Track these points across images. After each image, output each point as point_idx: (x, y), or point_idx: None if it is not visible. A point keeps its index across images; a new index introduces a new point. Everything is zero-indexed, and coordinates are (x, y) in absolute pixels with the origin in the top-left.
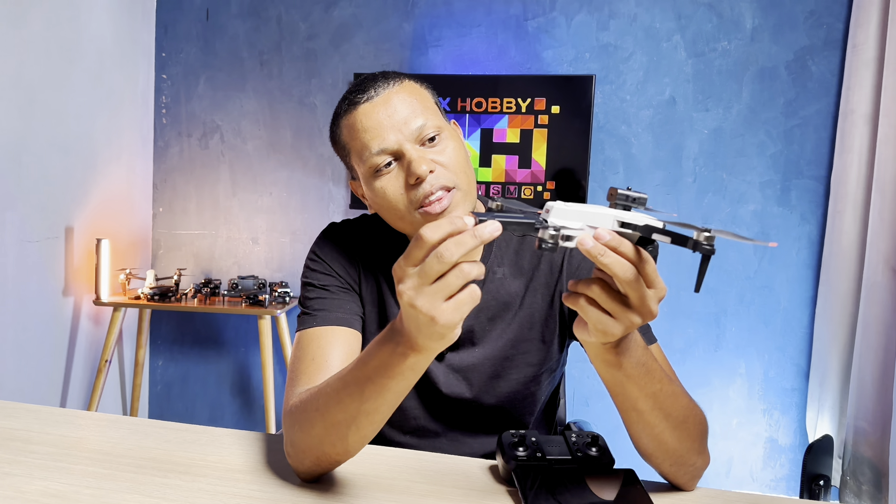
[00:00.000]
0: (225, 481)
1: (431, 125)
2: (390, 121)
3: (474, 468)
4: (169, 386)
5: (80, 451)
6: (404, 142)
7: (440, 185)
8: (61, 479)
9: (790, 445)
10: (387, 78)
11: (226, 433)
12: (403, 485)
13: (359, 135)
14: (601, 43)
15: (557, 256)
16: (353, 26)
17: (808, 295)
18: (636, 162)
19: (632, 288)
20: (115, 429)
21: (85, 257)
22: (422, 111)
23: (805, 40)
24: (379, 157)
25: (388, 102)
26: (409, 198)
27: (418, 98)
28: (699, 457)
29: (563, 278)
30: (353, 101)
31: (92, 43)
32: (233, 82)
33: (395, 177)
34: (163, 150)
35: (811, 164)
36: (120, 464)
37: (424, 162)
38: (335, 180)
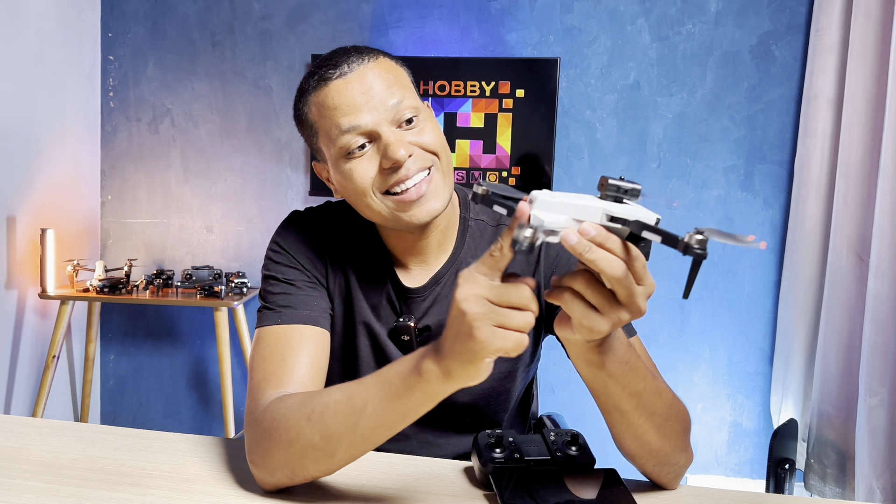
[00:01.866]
0: (180, 492)
1: (409, 105)
2: (365, 98)
3: (448, 471)
4: (122, 381)
5: (20, 462)
6: (381, 122)
7: (418, 168)
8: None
9: (754, 429)
10: (360, 53)
11: (180, 438)
12: (375, 489)
13: (329, 113)
14: (565, 26)
15: None
16: (309, 6)
17: (772, 280)
18: (601, 147)
19: (620, 284)
20: (58, 436)
21: (29, 248)
22: (399, 89)
23: (769, 24)
24: (352, 138)
25: (362, 79)
26: (382, 182)
27: (395, 75)
28: (683, 454)
29: (541, 268)
30: (324, 77)
31: (31, 22)
32: (183, 64)
33: (368, 159)
34: (110, 136)
35: (774, 148)
36: (64, 476)
37: (403, 145)
38: (293, 166)
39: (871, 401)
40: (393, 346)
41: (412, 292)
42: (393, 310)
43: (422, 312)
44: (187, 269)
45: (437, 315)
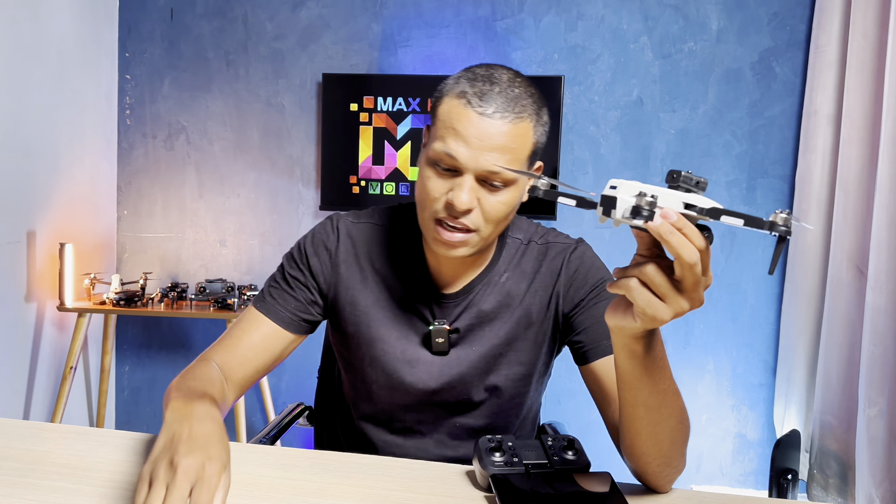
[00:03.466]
0: None
1: (501, 178)
2: (478, 144)
3: (451, 474)
4: (136, 391)
5: (47, 465)
6: (471, 169)
7: (464, 225)
8: (27, 495)
9: (759, 440)
10: (514, 103)
11: None
12: (379, 492)
13: (451, 125)
14: (569, 44)
15: (557, 261)
16: (320, 27)
17: (775, 292)
18: (605, 162)
19: (691, 271)
20: (82, 441)
21: (48, 262)
22: (509, 160)
23: (769, 42)
24: (443, 157)
25: (489, 129)
26: (439, 207)
27: (518, 143)
28: (682, 459)
29: (561, 282)
30: (471, 101)
31: (53, 43)
32: (198, 83)
33: (444, 180)
34: (127, 152)
35: (776, 163)
36: (89, 478)
37: (469, 197)
38: (304, 181)
39: (870, 411)
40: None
41: (447, 298)
42: (429, 312)
43: (454, 317)
44: (201, 283)
45: (468, 320)
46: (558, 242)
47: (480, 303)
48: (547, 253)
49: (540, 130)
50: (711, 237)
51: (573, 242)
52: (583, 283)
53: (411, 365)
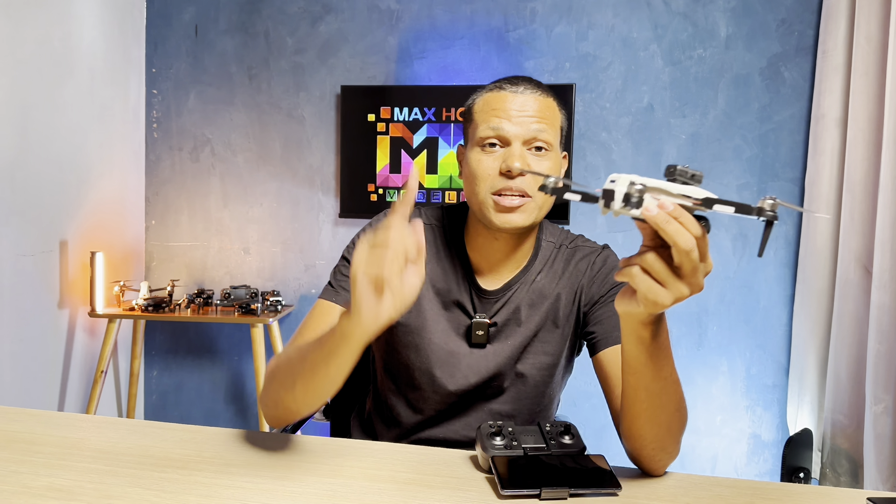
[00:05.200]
0: (220, 475)
1: (546, 138)
2: (518, 114)
3: (455, 458)
4: (164, 395)
5: (82, 450)
6: (517, 136)
7: (521, 189)
8: (65, 475)
9: (773, 440)
10: (537, 85)
11: (220, 432)
12: (388, 474)
13: (489, 109)
14: (580, 53)
15: (583, 262)
16: (339, 40)
17: (787, 293)
18: (617, 167)
19: (688, 258)
20: (113, 430)
21: (79, 270)
22: (547, 125)
23: (777, 47)
24: (489, 135)
25: (525, 101)
26: (494, 181)
27: (550, 114)
28: (676, 446)
29: (585, 279)
30: (501, 87)
31: (83, 60)
32: (222, 96)
33: (493, 157)
34: (154, 164)
35: (786, 166)
36: (120, 461)
37: (521, 160)
38: (324, 190)
39: (876, 408)
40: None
41: (488, 294)
42: (471, 306)
43: (493, 312)
44: (226, 289)
45: (505, 315)
46: (586, 246)
47: (517, 300)
48: (575, 255)
49: (563, 116)
50: (708, 226)
51: (600, 247)
52: (603, 282)
53: (452, 355)
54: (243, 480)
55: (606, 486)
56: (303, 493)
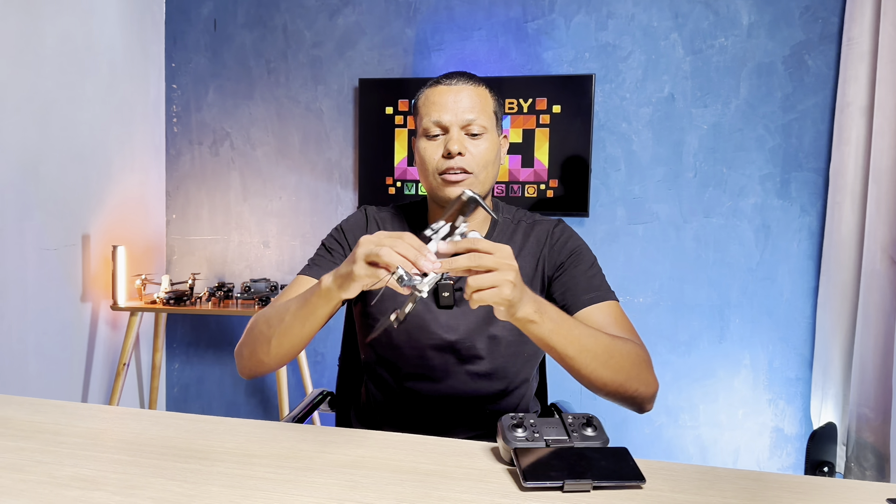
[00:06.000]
0: (242, 465)
1: (479, 124)
2: (453, 105)
3: (476, 450)
4: (186, 388)
5: (106, 440)
6: (454, 124)
7: (460, 167)
8: (89, 465)
9: (796, 434)
10: (469, 78)
11: (242, 422)
12: (410, 465)
13: (429, 103)
14: (600, 43)
15: (542, 234)
16: (356, 33)
17: (810, 285)
18: (637, 158)
19: (477, 264)
20: (136, 421)
21: (102, 264)
22: (479, 112)
23: (801, 35)
24: (433, 126)
25: (458, 93)
26: (438, 163)
27: (482, 102)
28: (639, 384)
29: (545, 248)
30: (438, 81)
31: (104, 56)
32: (241, 90)
33: (436, 144)
34: (175, 159)
35: (810, 156)
36: (143, 451)
37: (459, 144)
38: (342, 183)
39: None
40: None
41: None
42: None
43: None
44: (246, 282)
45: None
46: (543, 220)
47: None
48: (534, 228)
49: (494, 98)
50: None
51: (556, 221)
52: (562, 248)
53: (422, 317)
54: (266, 471)
55: (630, 479)
56: (325, 484)
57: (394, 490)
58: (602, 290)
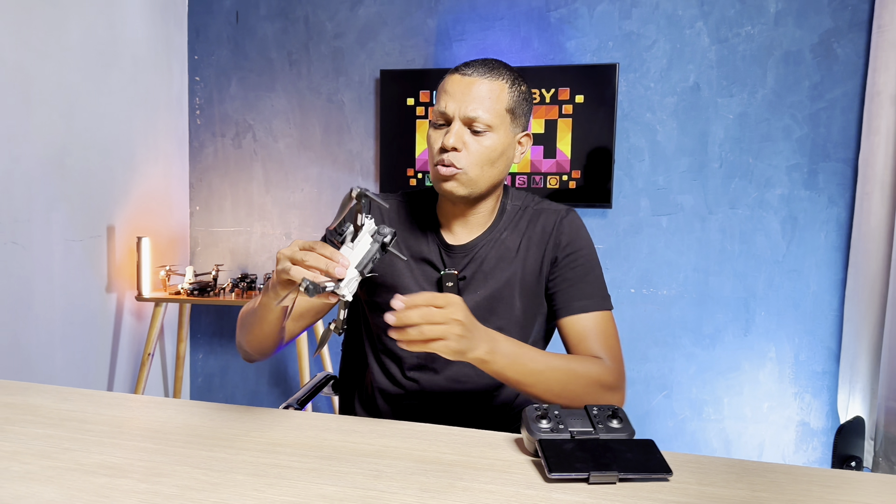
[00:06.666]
0: (268, 454)
1: (484, 121)
2: (461, 97)
3: (500, 441)
4: (209, 378)
5: (132, 429)
6: (458, 117)
7: (451, 162)
8: (116, 453)
9: (822, 428)
10: (490, 69)
11: (266, 412)
12: (433, 455)
13: (441, 91)
14: (624, 32)
15: (549, 223)
16: (378, 24)
17: (838, 278)
18: (662, 149)
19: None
20: (162, 409)
21: (126, 255)
22: (487, 108)
23: (830, 23)
24: (438, 115)
25: (470, 85)
26: (437, 154)
27: (495, 97)
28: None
29: (551, 239)
30: (457, 69)
31: (128, 48)
32: (263, 82)
33: (439, 134)
34: (198, 151)
35: (838, 146)
36: (169, 440)
37: (456, 138)
38: (364, 174)
39: None
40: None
41: (455, 249)
42: (440, 261)
43: (461, 266)
44: (268, 273)
45: (472, 269)
46: (551, 209)
47: (483, 254)
48: (541, 215)
49: (516, 94)
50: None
51: (564, 210)
52: (565, 244)
53: None
54: (290, 459)
55: (657, 472)
56: (349, 473)
57: (418, 480)
58: (595, 299)
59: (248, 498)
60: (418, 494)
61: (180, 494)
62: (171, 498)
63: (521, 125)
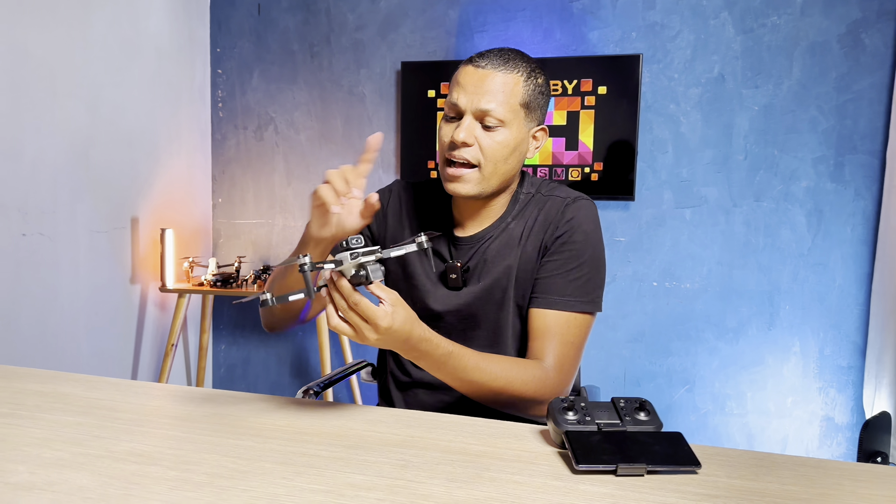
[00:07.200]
0: (295, 443)
1: (497, 116)
2: (473, 90)
3: (525, 432)
4: (232, 368)
5: (160, 417)
6: (469, 111)
7: (464, 158)
8: (145, 441)
9: (847, 424)
10: (506, 61)
11: (292, 401)
12: (459, 445)
13: (454, 82)
14: (647, 22)
15: (553, 210)
16: (399, 16)
17: (865, 271)
18: (685, 140)
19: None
20: (189, 398)
21: (150, 246)
22: (501, 101)
23: (857, 13)
24: (450, 107)
25: (484, 77)
26: (447, 149)
27: (509, 91)
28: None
29: (551, 229)
30: (471, 59)
31: (151, 41)
32: (285, 75)
33: (450, 128)
34: (220, 143)
35: (865, 138)
36: (197, 428)
37: (466, 133)
38: (385, 167)
39: None
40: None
41: (462, 241)
42: (448, 254)
43: (467, 258)
44: None
45: (476, 260)
46: (558, 196)
47: (489, 244)
48: (548, 202)
49: (531, 87)
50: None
51: (574, 196)
52: (560, 232)
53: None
54: (317, 448)
55: (685, 465)
56: (376, 462)
57: (444, 470)
58: (568, 298)
59: (276, 486)
60: (445, 484)
61: (209, 482)
62: (200, 485)
63: (536, 119)
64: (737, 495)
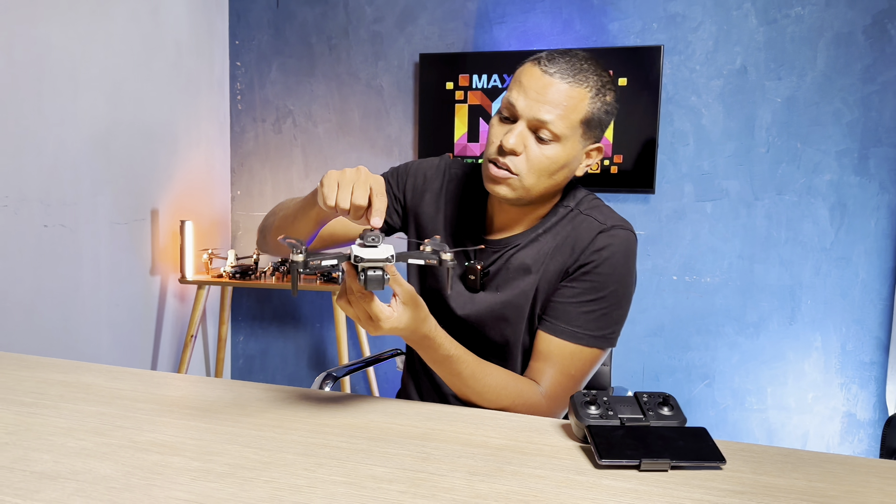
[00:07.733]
0: (316, 434)
1: (553, 129)
2: (535, 96)
3: (547, 426)
4: (250, 360)
5: (182, 407)
6: (525, 117)
7: (506, 165)
8: (167, 430)
9: (869, 420)
10: (576, 72)
11: (313, 393)
12: (480, 439)
13: (516, 81)
14: (669, 13)
15: (586, 235)
16: (417, 8)
17: (889, 266)
18: (707, 133)
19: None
20: (211, 389)
21: (170, 238)
22: (560, 115)
23: (884, 3)
24: (507, 106)
25: (548, 85)
26: (493, 147)
27: (572, 106)
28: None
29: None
30: (538, 60)
31: (170, 34)
32: (303, 68)
33: (502, 129)
34: (239, 135)
35: (890, 131)
36: (218, 419)
37: (517, 140)
38: (402, 159)
39: None
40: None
41: (488, 244)
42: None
43: (489, 261)
44: None
45: (498, 265)
46: (597, 219)
47: (514, 252)
48: (582, 223)
49: (598, 104)
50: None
51: (614, 224)
52: (585, 259)
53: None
54: (339, 440)
55: (710, 460)
56: (397, 455)
57: (466, 463)
58: (580, 329)
59: (298, 477)
60: (467, 477)
61: (232, 473)
62: (222, 476)
63: (593, 137)
64: (763, 491)
